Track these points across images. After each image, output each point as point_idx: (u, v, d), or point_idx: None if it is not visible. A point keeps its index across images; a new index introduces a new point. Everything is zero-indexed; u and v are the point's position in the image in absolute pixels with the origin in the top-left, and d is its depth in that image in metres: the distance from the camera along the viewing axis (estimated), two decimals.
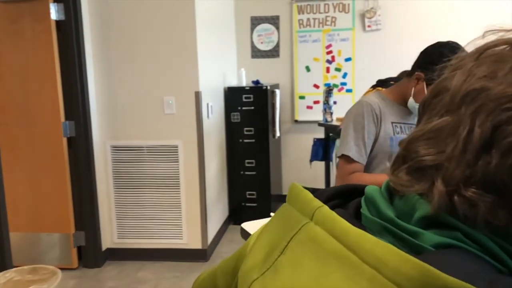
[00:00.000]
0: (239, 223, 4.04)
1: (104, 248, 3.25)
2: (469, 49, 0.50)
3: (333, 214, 0.45)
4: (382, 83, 2.81)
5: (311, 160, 3.22)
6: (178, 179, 3.23)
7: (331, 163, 3.39)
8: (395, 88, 1.60)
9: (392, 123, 1.54)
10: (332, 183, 3.55)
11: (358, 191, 0.55)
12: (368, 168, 1.53)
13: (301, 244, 0.46)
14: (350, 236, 0.41)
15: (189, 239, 3.28)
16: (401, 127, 1.55)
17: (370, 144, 1.52)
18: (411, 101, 1.52)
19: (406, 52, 4.26)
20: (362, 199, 0.51)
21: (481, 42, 0.49)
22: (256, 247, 0.54)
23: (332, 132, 3.19)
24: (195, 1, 3.05)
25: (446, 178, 0.40)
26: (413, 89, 1.51)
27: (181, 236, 3.28)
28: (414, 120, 1.62)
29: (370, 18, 4.27)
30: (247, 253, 0.58)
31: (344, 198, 0.54)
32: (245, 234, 1.13)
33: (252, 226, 1.14)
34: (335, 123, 3.14)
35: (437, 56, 1.44)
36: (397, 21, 4.25)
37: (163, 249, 3.27)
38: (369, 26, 4.28)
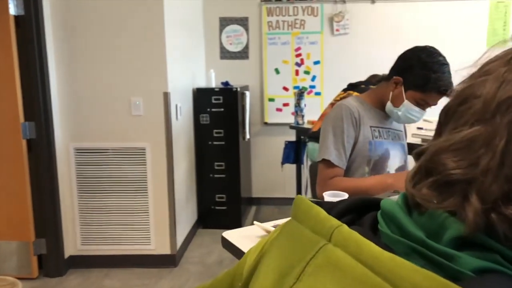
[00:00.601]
0: (208, 227, 4.01)
1: (66, 255, 3.10)
2: (492, 53, 0.47)
3: (356, 235, 0.41)
4: (353, 87, 2.82)
5: (282, 163, 3.20)
6: (146, 182, 3.13)
7: (302, 165, 3.38)
8: (372, 92, 1.60)
9: (370, 127, 1.53)
10: (303, 186, 3.54)
11: (370, 204, 0.51)
12: (346, 172, 1.52)
13: (320, 269, 0.42)
14: (380, 261, 0.37)
15: (157, 245, 3.18)
16: (379, 131, 1.55)
17: (350, 148, 1.50)
18: (389, 105, 1.51)
19: (374, 56, 4.34)
20: (379, 214, 0.47)
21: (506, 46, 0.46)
22: (264, 270, 0.49)
23: (303, 135, 3.18)
24: (164, 0, 2.96)
25: (482, 194, 0.37)
26: (391, 93, 1.50)
27: (149, 242, 3.18)
28: (392, 124, 1.61)
29: (338, 22, 4.31)
30: (249, 273, 0.53)
31: (356, 213, 0.50)
32: (227, 244, 1.07)
33: (234, 236, 1.09)
34: (306, 126, 3.13)
35: (415, 60, 1.44)
36: (364, 26, 4.31)
37: (130, 255, 3.15)
38: (337, 30, 4.32)
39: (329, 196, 1.17)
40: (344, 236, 0.41)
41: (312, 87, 4.40)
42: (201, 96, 3.86)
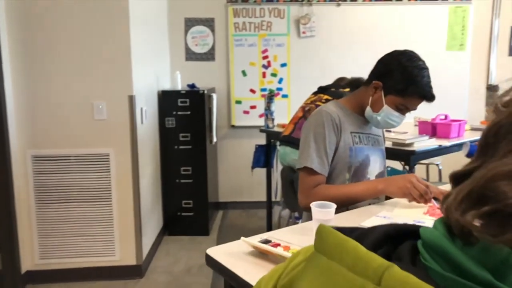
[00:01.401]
0: (175, 234, 3.88)
1: (23, 271, 2.89)
2: None
3: (413, 280, 0.35)
4: (323, 90, 2.80)
5: (253, 167, 3.14)
6: (110, 190, 2.97)
7: (272, 169, 3.33)
8: (352, 97, 1.56)
9: (351, 133, 1.49)
10: (273, 190, 3.49)
11: (403, 232, 0.45)
12: (327, 179, 1.47)
13: None
14: None
15: (123, 255, 3.03)
16: (359, 137, 1.51)
17: (332, 155, 1.45)
18: (368, 110, 1.48)
19: (340, 58, 4.37)
20: (420, 246, 0.41)
21: None
22: None
23: (273, 138, 3.13)
24: (129, 1, 2.83)
25: None
26: (370, 98, 1.47)
27: (114, 252, 3.02)
28: (371, 129, 1.58)
29: (304, 24, 4.30)
30: None
31: (390, 243, 0.44)
32: (212, 262, 0.99)
33: (219, 253, 1.01)
34: (276, 129, 3.08)
35: (395, 65, 1.41)
36: (330, 28, 4.33)
37: (93, 267, 2.98)
38: (303, 33, 4.31)
39: (317, 207, 1.11)
40: (399, 280, 0.35)
41: (279, 89, 4.36)
42: (166, 99, 3.74)
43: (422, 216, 1.24)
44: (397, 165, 3.03)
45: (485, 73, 4.55)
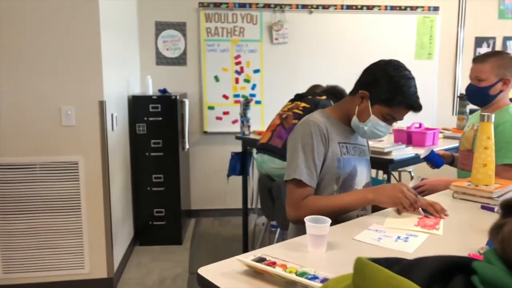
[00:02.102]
0: (146, 244, 3.76)
1: None
2: None
3: None
4: (300, 97, 2.79)
5: (228, 175, 3.08)
6: (79, 200, 2.84)
7: (248, 177, 3.29)
8: (337, 107, 1.54)
9: (338, 143, 1.47)
10: (250, 197, 3.45)
11: (452, 265, 0.42)
12: (315, 190, 1.44)
13: None
14: None
15: (93, 268, 2.90)
16: (346, 147, 1.49)
17: (320, 166, 1.42)
18: (354, 120, 1.46)
19: (312, 65, 4.39)
20: (478, 282, 0.37)
21: None
22: None
23: (250, 146, 3.09)
24: (99, 1, 2.72)
25: None
26: (357, 108, 1.45)
27: (83, 265, 2.89)
28: (357, 139, 1.57)
29: (277, 31, 4.29)
30: None
31: (440, 279, 0.40)
32: (204, 283, 0.94)
33: (212, 272, 0.96)
34: (252, 136, 3.04)
35: (381, 74, 1.40)
36: (303, 35, 4.34)
37: (61, 281, 2.83)
38: (276, 39, 4.30)
39: (311, 222, 1.08)
40: None
41: (253, 95, 4.33)
42: (137, 104, 3.63)
43: (414, 228, 1.23)
44: (373, 173, 3.06)
45: (452, 82, 4.69)
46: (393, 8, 4.43)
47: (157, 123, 3.65)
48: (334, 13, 4.35)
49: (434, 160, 2.19)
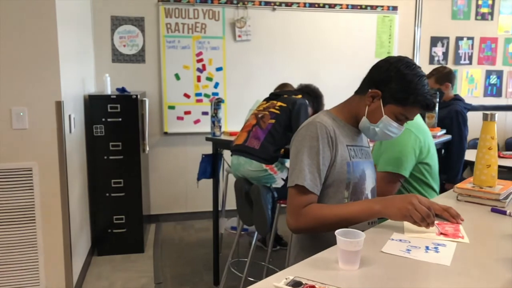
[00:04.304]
0: (105, 254, 3.50)
1: None
2: None
3: None
4: (276, 96, 2.68)
5: (198, 179, 2.91)
6: (33, 209, 2.56)
7: (219, 180, 3.14)
8: (344, 107, 1.44)
9: (347, 146, 1.37)
10: (220, 201, 3.30)
11: None
12: (323, 198, 1.33)
13: None
14: None
15: (49, 283, 2.63)
16: (355, 151, 1.39)
17: (325, 172, 1.32)
18: (365, 122, 1.36)
19: (276, 63, 4.31)
20: None
21: None
22: None
23: (221, 147, 2.94)
24: None
25: None
26: (367, 107, 1.36)
27: (37, 281, 2.61)
28: (363, 141, 1.48)
29: (240, 28, 4.17)
30: None
31: None
32: None
33: None
34: (224, 137, 2.89)
35: (393, 72, 1.32)
36: (266, 32, 4.25)
37: None
38: (239, 36, 4.18)
39: (343, 236, 0.97)
40: None
41: (215, 94, 4.18)
42: (94, 105, 3.36)
43: (437, 237, 1.16)
44: None
45: None
46: (354, 7, 4.45)
47: (116, 124, 3.40)
48: (297, 11, 4.30)
49: None
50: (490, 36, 4.98)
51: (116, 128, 3.40)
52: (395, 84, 1.31)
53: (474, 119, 4.39)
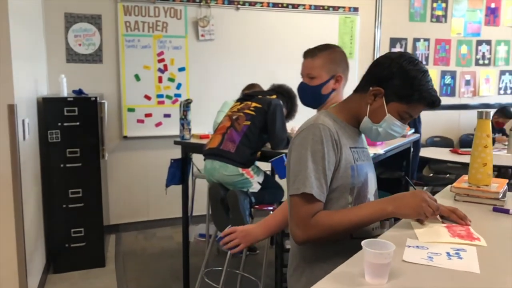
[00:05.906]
0: (62, 271, 3.23)
1: None
2: None
3: None
4: (250, 97, 2.58)
5: (167, 185, 2.74)
6: None
7: (189, 185, 2.98)
8: (343, 106, 1.35)
9: (350, 148, 1.28)
10: (189, 208, 3.13)
11: None
12: (326, 204, 1.23)
13: None
14: None
15: None
16: (358, 153, 1.31)
17: (330, 177, 1.22)
18: (367, 121, 1.28)
19: (240, 63, 4.19)
20: None
21: None
22: None
23: (191, 151, 2.79)
24: None
25: None
26: (369, 107, 1.28)
27: None
28: (363, 143, 1.40)
29: (203, 27, 4.02)
30: None
31: None
32: None
33: None
34: (194, 140, 2.74)
35: (396, 68, 1.24)
36: (230, 32, 4.14)
37: None
38: (202, 35, 4.03)
39: (370, 248, 0.87)
40: None
41: (178, 95, 4.00)
42: (49, 108, 3.09)
43: (452, 240, 1.10)
44: None
45: None
46: (316, 7, 4.43)
47: (74, 129, 3.15)
48: (260, 11, 4.21)
49: (279, 169, 1.97)
50: (444, 38, 5.15)
51: (73, 133, 3.15)
52: (398, 81, 1.24)
53: (430, 118, 4.52)
